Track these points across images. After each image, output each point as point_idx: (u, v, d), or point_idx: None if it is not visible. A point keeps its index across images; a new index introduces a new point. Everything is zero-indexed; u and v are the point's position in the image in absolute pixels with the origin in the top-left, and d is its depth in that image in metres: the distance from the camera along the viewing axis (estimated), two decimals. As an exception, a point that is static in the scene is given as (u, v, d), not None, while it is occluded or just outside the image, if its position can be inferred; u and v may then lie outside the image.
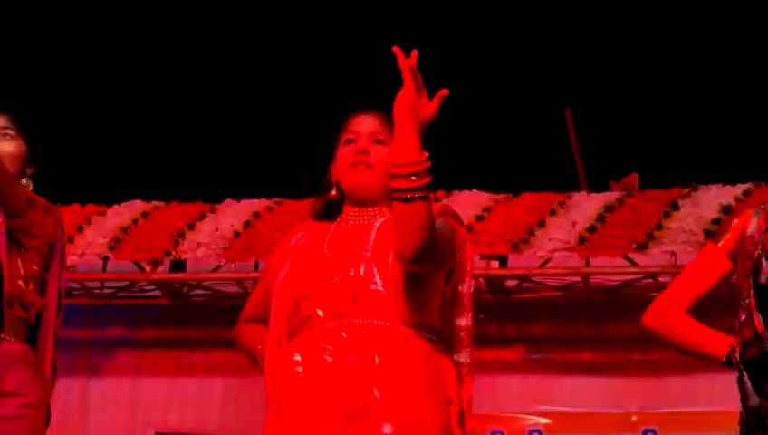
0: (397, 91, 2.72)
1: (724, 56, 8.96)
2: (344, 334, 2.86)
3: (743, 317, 2.82)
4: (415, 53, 2.69)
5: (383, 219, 2.97)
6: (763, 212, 2.93)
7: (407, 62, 2.68)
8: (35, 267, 3.43)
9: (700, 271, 3.04)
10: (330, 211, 3.13)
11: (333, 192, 3.10)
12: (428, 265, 2.86)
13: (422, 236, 2.71)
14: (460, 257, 3.01)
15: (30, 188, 3.51)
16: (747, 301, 2.82)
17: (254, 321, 3.18)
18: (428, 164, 2.70)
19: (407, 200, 2.69)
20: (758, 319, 2.78)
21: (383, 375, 2.81)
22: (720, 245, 3.01)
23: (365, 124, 3.07)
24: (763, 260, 2.80)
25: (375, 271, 2.90)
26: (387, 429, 2.76)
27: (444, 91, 2.72)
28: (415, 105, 2.69)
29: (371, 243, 2.94)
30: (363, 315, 2.87)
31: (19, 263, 3.39)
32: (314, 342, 2.88)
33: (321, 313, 2.91)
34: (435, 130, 2.75)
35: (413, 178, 2.68)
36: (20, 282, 3.38)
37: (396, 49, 2.68)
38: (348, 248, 2.96)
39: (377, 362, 2.82)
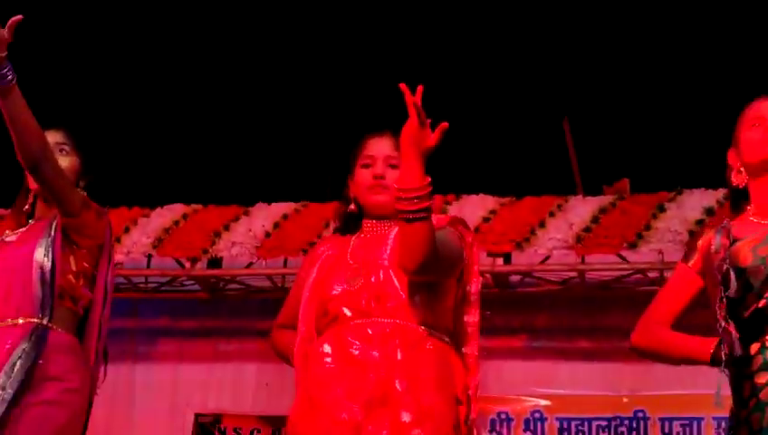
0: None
1: (706, 75, 8.94)
2: (370, 331, 2.92)
3: (723, 323, 2.81)
4: (420, 89, 2.72)
5: (397, 229, 2.99)
6: (724, 230, 2.92)
7: (412, 99, 2.70)
8: (86, 265, 3.44)
9: (675, 291, 3.02)
10: (350, 224, 3.19)
11: (352, 206, 3.17)
12: (431, 276, 2.91)
13: (423, 252, 2.76)
14: (467, 260, 3.05)
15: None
16: (719, 309, 2.82)
17: (287, 326, 3.23)
18: (430, 189, 2.75)
19: (409, 221, 2.74)
20: (731, 325, 2.78)
21: (405, 369, 2.86)
22: (690, 265, 3.00)
23: (380, 149, 3.13)
24: (731, 272, 2.79)
25: (393, 276, 2.95)
26: (405, 416, 2.81)
27: (444, 125, 2.75)
28: (418, 137, 2.73)
29: (388, 251, 2.99)
30: (386, 315, 2.93)
31: (71, 260, 3.40)
32: (343, 336, 2.94)
33: (348, 312, 2.97)
34: (446, 142, 2.79)
35: (415, 201, 2.73)
36: (71, 277, 3.38)
37: (402, 86, 2.70)
38: (368, 257, 3.03)
39: (399, 356, 2.87)
